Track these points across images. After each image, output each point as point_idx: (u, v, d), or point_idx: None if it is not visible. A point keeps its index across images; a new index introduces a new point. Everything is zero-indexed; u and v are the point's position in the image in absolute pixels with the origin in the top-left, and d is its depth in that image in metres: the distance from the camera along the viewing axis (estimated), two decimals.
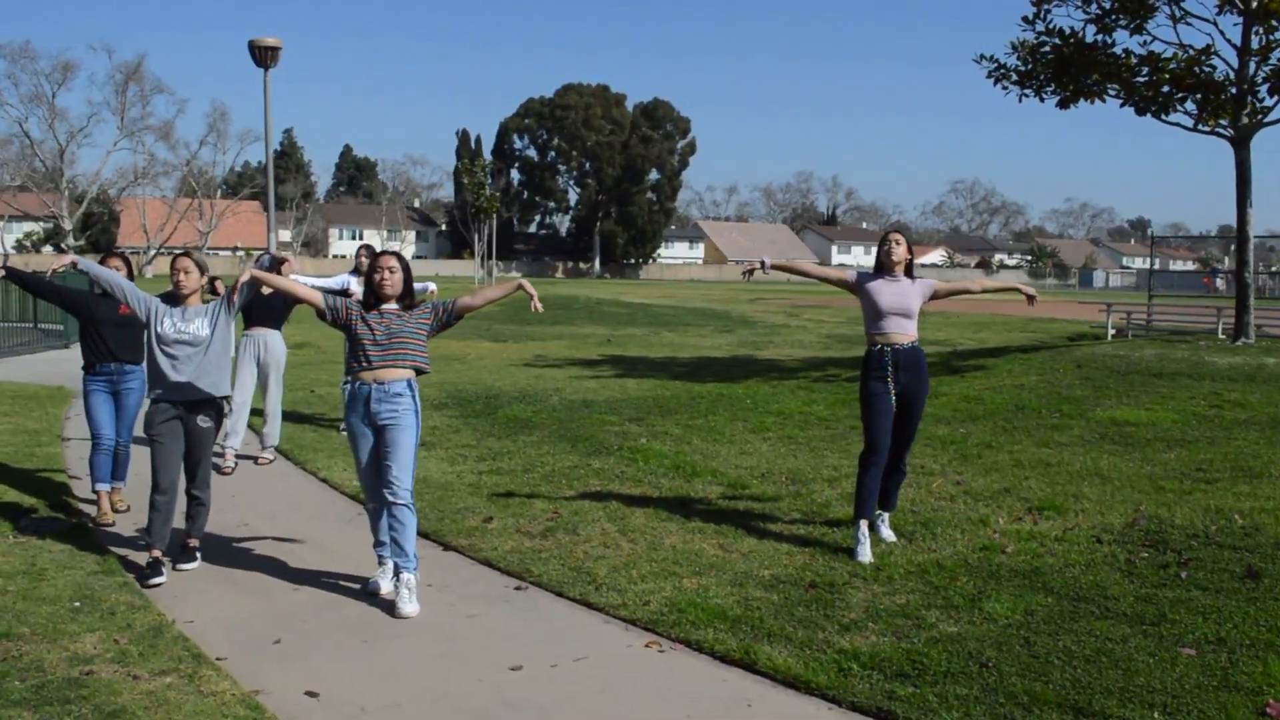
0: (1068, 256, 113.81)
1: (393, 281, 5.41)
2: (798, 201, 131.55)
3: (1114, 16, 12.72)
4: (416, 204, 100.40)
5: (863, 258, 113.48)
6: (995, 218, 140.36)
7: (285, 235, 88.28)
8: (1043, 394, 10.73)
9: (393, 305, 5.43)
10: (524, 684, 4.32)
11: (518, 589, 5.50)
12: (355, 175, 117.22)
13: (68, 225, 62.50)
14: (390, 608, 5.16)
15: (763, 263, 6.42)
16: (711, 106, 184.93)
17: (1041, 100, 13.73)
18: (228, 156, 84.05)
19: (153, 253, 67.14)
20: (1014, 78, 13.70)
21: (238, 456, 8.53)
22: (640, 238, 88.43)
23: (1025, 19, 13.20)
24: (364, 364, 5.31)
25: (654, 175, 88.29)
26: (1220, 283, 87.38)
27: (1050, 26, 13.13)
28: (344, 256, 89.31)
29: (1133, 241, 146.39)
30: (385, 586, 5.42)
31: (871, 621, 4.91)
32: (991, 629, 4.80)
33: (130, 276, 7.11)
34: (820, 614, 5.02)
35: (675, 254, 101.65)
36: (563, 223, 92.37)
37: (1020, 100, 14.11)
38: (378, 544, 5.52)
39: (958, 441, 8.91)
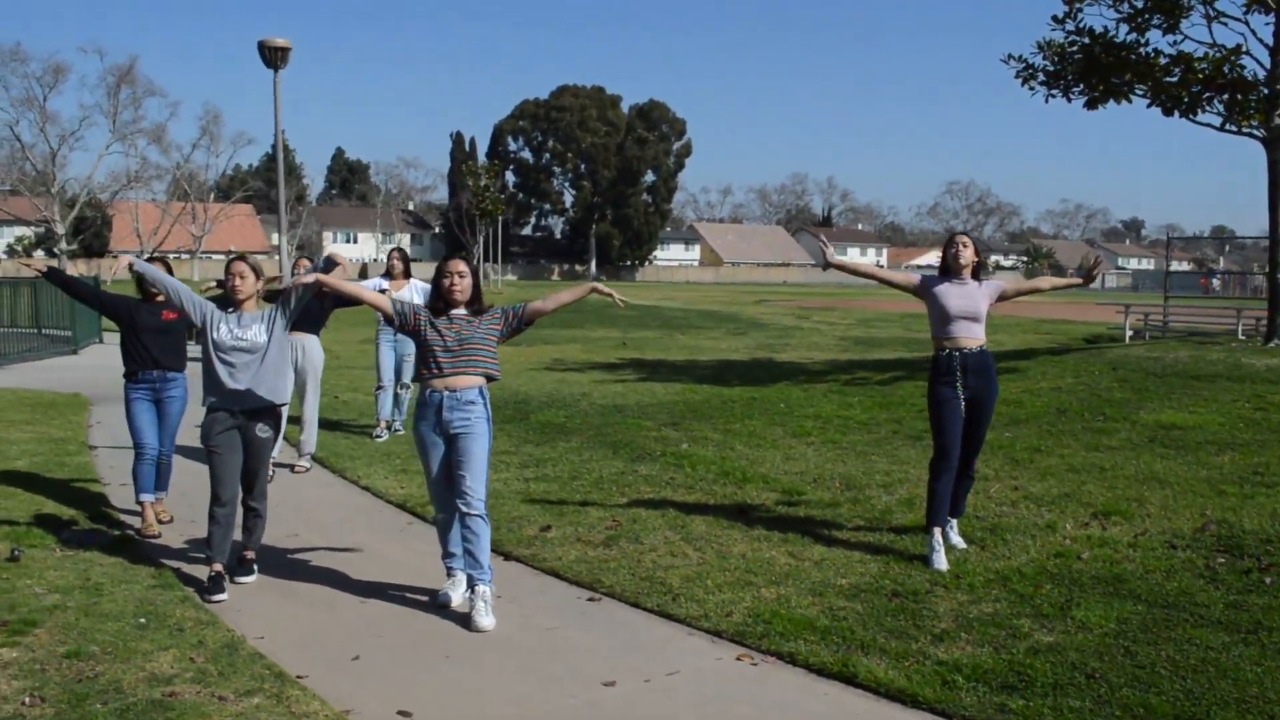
0: (1063, 257, 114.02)
1: (462, 287, 5.26)
2: (793, 203, 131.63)
3: (1147, 15, 12.61)
4: (410, 206, 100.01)
5: (859, 259, 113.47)
6: (990, 219, 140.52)
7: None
8: (1082, 396, 10.62)
9: (461, 310, 5.29)
10: (620, 701, 4.18)
11: (590, 600, 5.36)
12: (348, 178, 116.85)
13: (60, 229, 61.87)
14: (465, 621, 5.00)
15: (825, 263, 6.29)
16: (706, 107, 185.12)
17: (1069, 100, 13.64)
18: (220, 160, 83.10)
19: (146, 257, 66.68)
20: (1041, 78, 13.59)
21: (275, 465, 8.36)
22: (636, 240, 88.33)
23: (1055, 18, 13.07)
24: (434, 371, 5.15)
25: (650, 177, 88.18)
26: (1216, 283, 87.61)
27: (1080, 26, 13.01)
28: None
29: (1127, 242, 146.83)
30: (456, 599, 5.26)
31: (964, 632, 4.78)
32: (1089, 638, 4.67)
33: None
34: (909, 624, 4.89)
35: (671, 256, 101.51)
36: (558, 225, 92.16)
37: (1047, 101, 14.02)
38: (447, 555, 5.35)
39: (1005, 445, 8.78)
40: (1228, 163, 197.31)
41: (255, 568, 5.74)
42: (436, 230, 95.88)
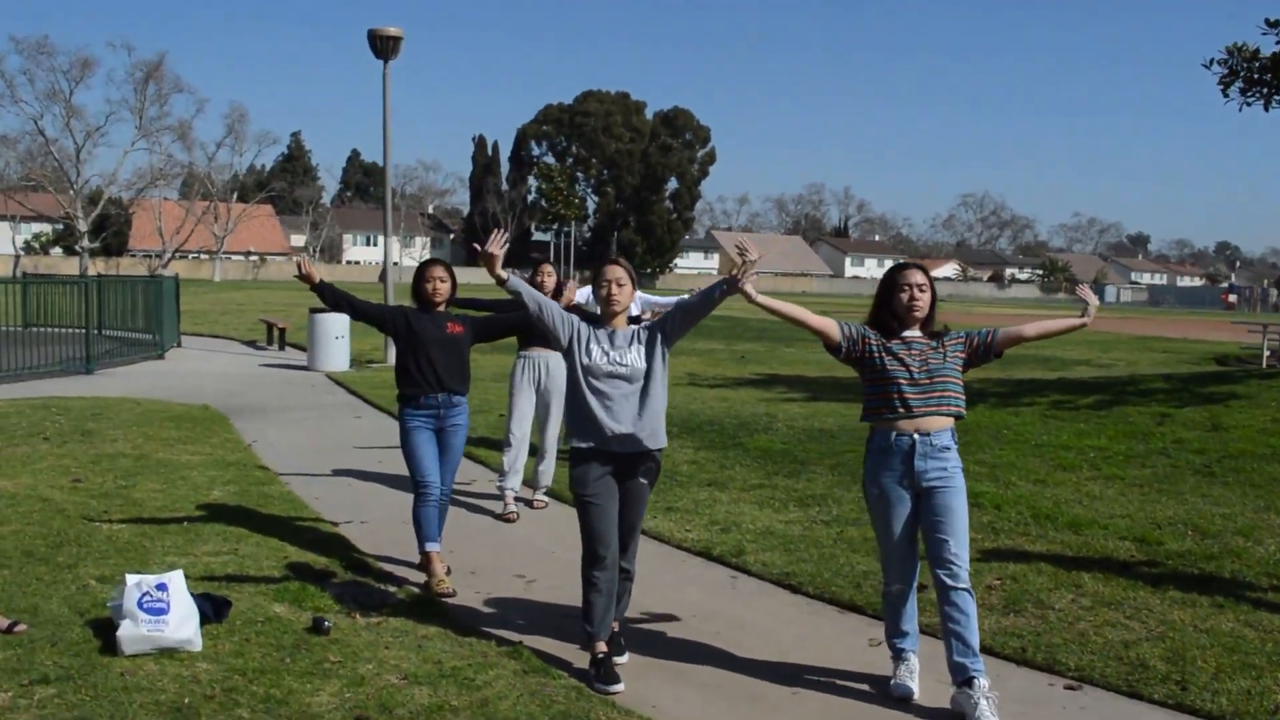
0: (1078, 271, 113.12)
1: (923, 302, 4.32)
2: (808, 213, 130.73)
3: None
4: (430, 210, 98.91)
5: (875, 270, 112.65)
6: (1004, 231, 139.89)
7: (299, 240, 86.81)
8: None
9: (916, 332, 4.34)
10: None
11: (1068, 688, 4.39)
12: (363, 181, 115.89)
13: (82, 226, 60.63)
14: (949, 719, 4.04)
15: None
16: (725, 116, 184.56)
17: (1267, 109, 12.76)
18: (244, 159, 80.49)
19: (168, 255, 65.54)
20: (1240, 84, 12.71)
21: (517, 499, 7.41)
22: (658, 247, 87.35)
23: (1268, 21, 12.18)
24: (900, 410, 4.20)
25: (673, 184, 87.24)
26: (1234, 299, 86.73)
27: None
28: (358, 262, 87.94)
29: (1140, 257, 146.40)
30: (917, 689, 4.29)
31: None
32: None
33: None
34: None
35: (690, 264, 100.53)
36: (580, 231, 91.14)
37: (1241, 109, 13.14)
38: (898, 634, 4.38)
39: None
40: (1232, 178, 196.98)
41: (623, 642, 4.77)
42: (453, 235, 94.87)
